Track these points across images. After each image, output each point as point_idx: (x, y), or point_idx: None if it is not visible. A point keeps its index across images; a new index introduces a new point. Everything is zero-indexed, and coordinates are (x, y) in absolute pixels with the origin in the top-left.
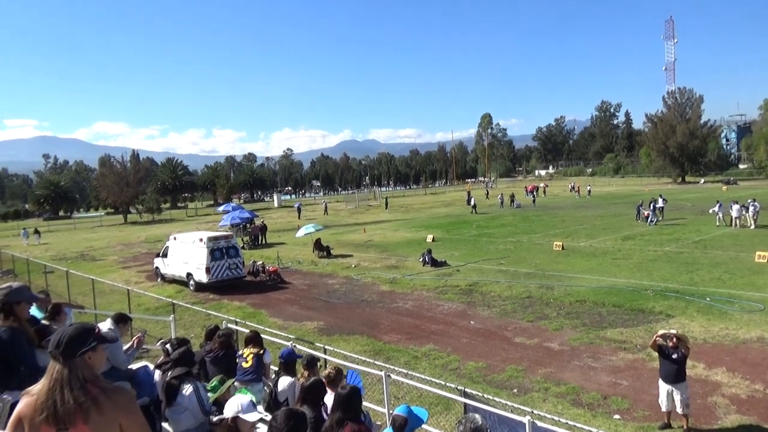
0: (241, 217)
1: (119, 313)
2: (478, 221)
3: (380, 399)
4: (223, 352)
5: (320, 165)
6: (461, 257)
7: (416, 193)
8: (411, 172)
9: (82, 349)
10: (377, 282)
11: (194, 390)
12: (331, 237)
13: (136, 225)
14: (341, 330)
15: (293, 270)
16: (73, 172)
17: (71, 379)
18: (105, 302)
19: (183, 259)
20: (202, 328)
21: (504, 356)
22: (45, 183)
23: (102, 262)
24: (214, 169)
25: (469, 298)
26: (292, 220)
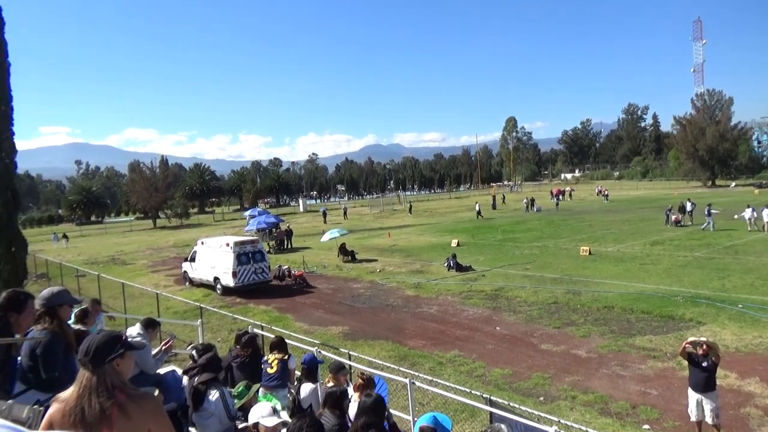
0: (267, 222)
1: (148, 318)
2: (504, 226)
3: (405, 405)
4: (249, 357)
5: (345, 169)
6: (486, 262)
7: (441, 197)
8: (435, 176)
9: (110, 356)
10: (402, 287)
11: (220, 395)
12: (356, 241)
13: (165, 230)
14: (366, 335)
15: (318, 274)
16: (104, 178)
17: (99, 385)
18: (135, 305)
19: (210, 263)
20: (229, 331)
21: (530, 363)
22: (77, 189)
23: (132, 266)
24: (241, 174)
25: (495, 303)
26: (317, 224)
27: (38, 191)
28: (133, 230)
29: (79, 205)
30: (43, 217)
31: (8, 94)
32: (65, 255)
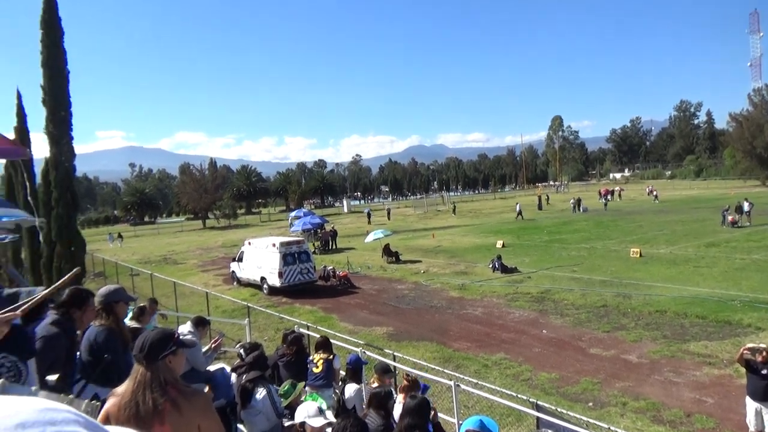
0: (312, 223)
1: (198, 317)
2: (550, 227)
3: (449, 408)
4: (295, 357)
5: (388, 170)
6: (532, 263)
7: (485, 198)
8: (480, 176)
9: (164, 353)
10: (446, 288)
11: (267, 393)
12: (400, 242)
13: (214, 230)
14: (410, 336)
15: (363, 275)
16: (157, 180)
17: (153, 381)
18: (186, 304)
19: (257, 263)
20: (276, 330)
21: (578, 368)
22: (131, 190)
23: (183, 266)
24: (286, 175)
25: (541, 306)
26: (361, 225)
27: (95, 193)
28: (184, 230)
29: (133, 206)
30: (100, 217)
31: (68, 100)
32: (120, 254)
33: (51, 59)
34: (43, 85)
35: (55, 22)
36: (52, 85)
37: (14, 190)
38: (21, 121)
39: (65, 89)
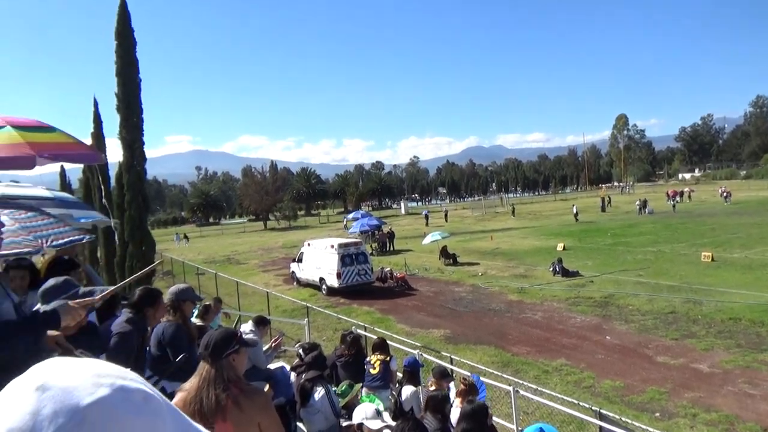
0: (369, 224)
1: (259, 316)
2: (614, 229)
3: (508, 413)
4: (352, 357)
5: (446, 172)
6: (595, 267)
7: (545, 200)
8: (540, 177)
9: (227, 351)
10: (505, 291)
11: (326, 393)
12: (458, 244)
13: (275, 231)
14: (468, 339)
15: (420, 277)
16: (221, 182)
17: (217, 378)
18: (247, 303)
19: (316, 264)
20: (334, 331)
21: (644, 376)
22: (197, 192)
23: (245, 266)
24: (344, 177)
25: (605, 311)
26: (418, 227)
27: (164, 195)
28: (246, 231)
29: (199, 208)
30: (168, 218)
31: (139, 107)
32: (187, 254)
33: (124, 69)
34: (117, 93)
35: (128, 34)
36: (125, 93)
37: (91, 192)
38: (97, 126)
39: (137, 97)
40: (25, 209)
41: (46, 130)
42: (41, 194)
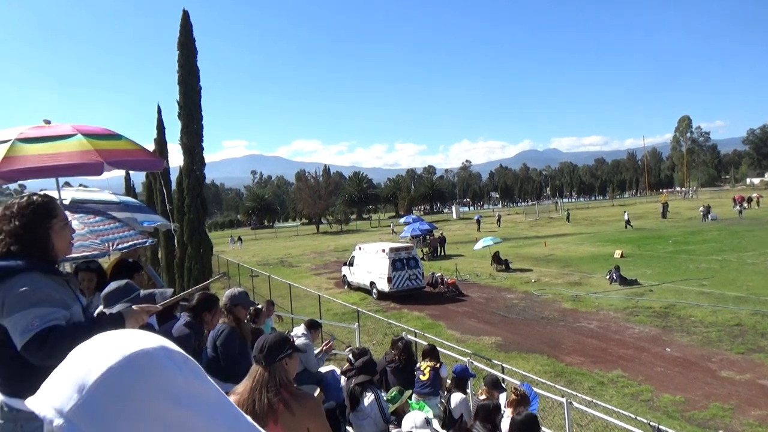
0: (420, 229)
1: (311, 320)
2: (676, 236)
3: (561, 425)
4: (402, 363)
5: (499, 176)
6: (655, 276)
7: (602, 205)
8: (596, 182)
9: (281, 355)
10: (558, 299)
11: (375, 398)
12: (510, 250)
13: (327, 235)
14: (520, 347)
15: (471, 282)
16: (275, 186)
17: (270, 382)
18: (300, 305)
19: (367, 268)
20: (384, 335)
21: (707, 391)
22: (252, 196)
23: (297, 269)
24: (396, 181)
25: (664, 321)
26: (470, 232)
27: (221, 198)
28: (299, 235)
29: (253, 211)
30: (224, 221)
31: (200, 114)
32: (242, 256)
33: (186, 78)
34: (178, 100)
35: (190, 44)
36: (186, 101)
37: (154, 195)
38: (160, 133)
39: (198, 104)
40: (93, 213)
41: (114, 138)
42: (108, 198)
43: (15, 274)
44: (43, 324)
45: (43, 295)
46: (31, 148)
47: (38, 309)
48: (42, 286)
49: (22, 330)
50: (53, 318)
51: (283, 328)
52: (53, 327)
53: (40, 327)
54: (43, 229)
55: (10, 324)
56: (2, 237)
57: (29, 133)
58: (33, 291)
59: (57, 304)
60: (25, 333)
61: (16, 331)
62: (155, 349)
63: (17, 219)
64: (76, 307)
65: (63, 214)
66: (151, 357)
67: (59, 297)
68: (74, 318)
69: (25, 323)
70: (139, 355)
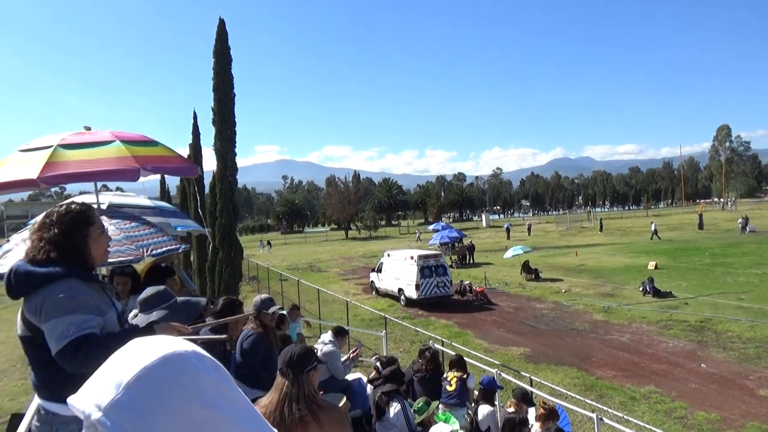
0: (449, 236)
1: (338, 327)
2: (713, 248)
3: None
4: (430, 373)
5: (530, 184)
6: (690, 288)
7: (636, 215)
8: (630, 191)
9: (308, 367)
10: (589, 310)
11: (401, 408)
12: (540, 259)
13: (356, 240)
14: (549, 359)
15: (500, 291)
16: (305, 191)
17: (298, 394)
18: (327, 311)
19: (395, 274)
20: (411, 343)
21: (744, 410)
22: (283, 201)
23: (326, 274)
24: (426, 188)
25: (700, 336)
26: (499, 240)
27: (252, 203)
28: (328, 240)
29: (284, 216)
30: (255, 225)
31: (233, 120)
32: (272, 260)
33: (220, 85)
34: (213, 107)
35: (225, 52)
36: (220, 108)
37: (187, 199)
38: (196, 138)
39: (232, 111)
40: (129, 219)
41: (150, 145)
42: (143, 203)
43: (54, 281)
44: (79, 332)
45: (79, 302)
46: (72, 154)
47: (74, 316)
48: (79, 292)
49: (58, 336)
50: (88, 326)
51: (311, 333)
52: (88, 335)
53: (76, 334)
54: (80, 236)
55: (47, 329)
56: (43, 244)
57: (70, 139)
58: (70, 298)
59: (92, 311)
60: (61, 339)
61: (52, 337)
62: (188, 352)
63: (56, 227)
64: (111, 313)
65: (100, 222)
66: (184, 359)
67: (95, 304)
68: (108, 324)
69: (61, 330)
70: (174, 357)
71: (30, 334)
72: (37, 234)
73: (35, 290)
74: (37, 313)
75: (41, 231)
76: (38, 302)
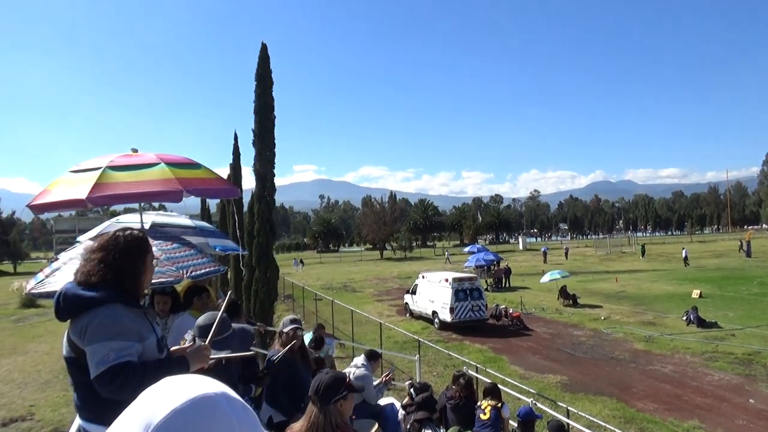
0: (485, 259)
1: (371, 350)
2: (761, 277)
3: None
4: (463, 401)
5: (568, 207)
6: (737, 319)
7: (679, 240)
8: (673, 216)
9: (336, 397)
10: (630, 339)
11: None
12: (578, 284)
13: (390, 261)
14: (587, 388)
15: (536, 317)
16: (342, 211)
17: (326, 424)
18: (361, 332)
19: (429, 297)
20: (444, 367)
21: None
22: (319, 220)
23: (360, 294)
24: (462, 209)
25: (748, 369)
26: (536, 264)
27: (289, 221)
28: (363, 260)
29: (320, 235)
30: (292, 243)
31: (273, 142)
32: (307, 279)
33: (261, 107)
34: (253, 129)
35: (267, 76)
36: (261, 130)
37: (226, 218)
38: (236, 158)
39: (272, 132)
40: (170, 240)
41: (193, 167)
42: (185, 223)
43: (100, 305)
44: (118, 359)
45: (122, 328)
46: (119, 175)
47: (115, 342)
48: (122, 318)
49: (98, 361)
50: (127, 353)
51: (344, 353)
52: (126, 363)
53: (115, 361)
54: (138, 263)
55: (89, 352)
56: (102, 267)
57: (118, 161)
58: (113, 323)
59: (133, 338)
60: (100, 365)
61: (92, 361)
62: (217, 395)
63: (118, 252)
64: (151, 338)
65: (152, 250)
66: (213, 402)
67: (136, 329)
68: (147, 350)
69: (101, 355)
70: (203, 399)
71: (74, 356)
72: (95, 255)
73: (81, 313)
74: (81, 336)
75: (101, 253)
76: (83, 325)
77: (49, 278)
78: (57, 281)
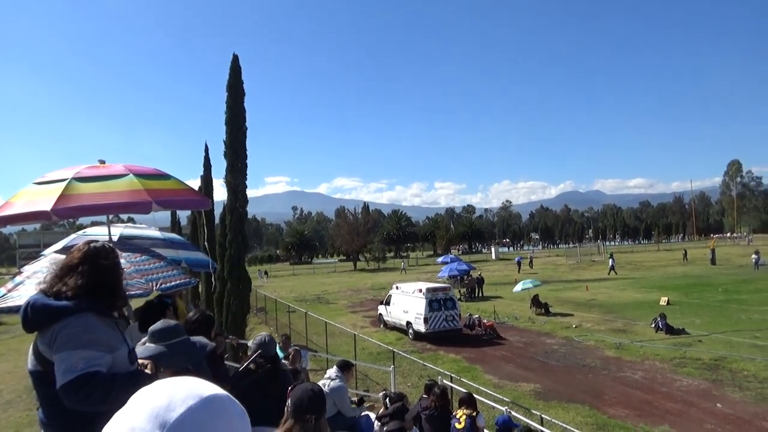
0: (458, 269)
1: (344, 361)
2: (726, 284)
3: None
4: (438, 411)
5: (539, 217)
6: (703, 326)
7: (647, 249)
8: (641, 225)
9: (313, 414)
10: (601, 346)
11: None
12: (550, 293)
13: (364, 272)
14: (559, 396)
15: (509, 326)
16: (315, 222)
17: None
18: (335, 343)
19: (403, 308)
20: (419, 377)
21: None
22: (292, 232)
23: (334, 306)
24: (435, 220)
25: (715, 375)
26: (509, 273)
27: (262, 233)
28: (336, 271)
29: (293, 247)
30: (264, 256)
31: (245, 153)
32: (279, 291)
33: (233, 118)
34: (225, 140)
35: (239, 86)
36: (232, 141)
37: (197, 230)
38: (207, 170)
39: (243, 144)
40: (139, 252)
41: (163, 178)
42: (154, 235)
43: (71, 314)
44: (87, 368)
45: (93, 338)
46: (86, 187)
47: (86, 351)
48: (93, 328)
49: (65, 369)
50: (97, 364)
51: (318, 365)
52: (95, 373)
53: (83, 371)
54: (108, 274)
55: (57, 360)
56: (75, 279)
57: (85, 172)
58: (84, 332)
59: (103, 349)
60: (68, 373)
61: (60, 368)
62: (224, 395)
63: (84, 263)
64: (122, 350)
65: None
66: (222, 401)
67: (107, 339)
68: (118, 362)
69: (70, 363)
70: (215, 398)
71: (41, 369)
72: (64, 266)
73: (52, 323)
74: (50, 344)
75: (70, 264)
76: (53, 333)
77: (12, 293)
78: (21, 295)
